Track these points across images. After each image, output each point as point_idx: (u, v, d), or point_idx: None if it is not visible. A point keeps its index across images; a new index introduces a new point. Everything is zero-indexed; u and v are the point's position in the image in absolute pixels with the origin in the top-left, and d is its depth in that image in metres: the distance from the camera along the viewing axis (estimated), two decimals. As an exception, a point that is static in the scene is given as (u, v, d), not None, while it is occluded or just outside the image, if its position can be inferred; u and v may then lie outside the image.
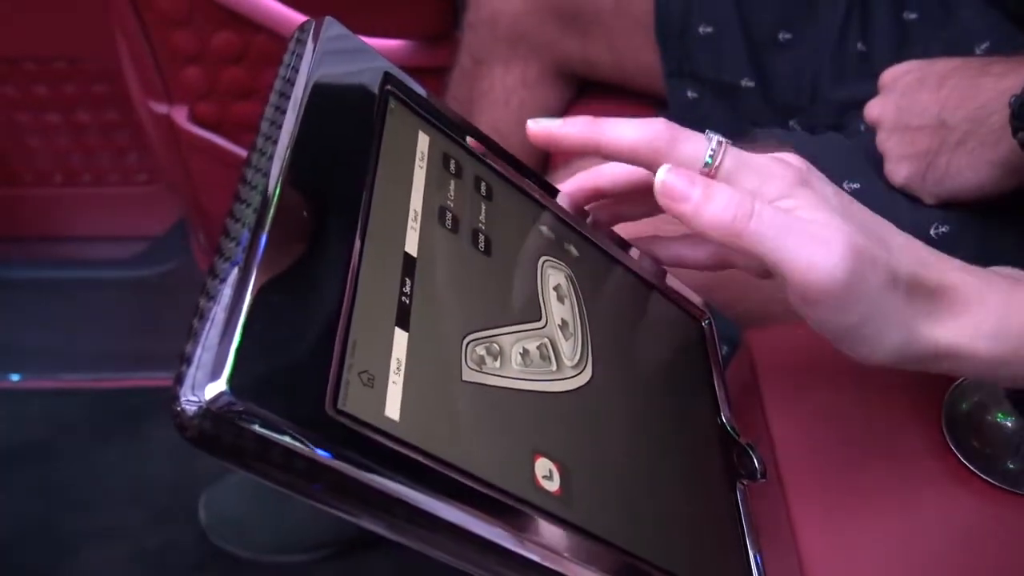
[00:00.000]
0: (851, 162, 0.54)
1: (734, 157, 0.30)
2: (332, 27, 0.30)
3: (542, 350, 0.30)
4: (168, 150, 1.11)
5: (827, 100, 0.71)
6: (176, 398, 0.20)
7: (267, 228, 0.23)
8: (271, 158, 0.25)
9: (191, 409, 0.20)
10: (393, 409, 0.23)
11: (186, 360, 0.20)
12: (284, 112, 0.27)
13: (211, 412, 0.19)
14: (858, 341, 0.31)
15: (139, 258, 1.29)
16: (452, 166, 0.32)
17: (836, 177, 0.54)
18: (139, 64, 1.03)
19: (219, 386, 0.20)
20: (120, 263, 1.30)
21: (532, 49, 0.80)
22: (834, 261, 0.28)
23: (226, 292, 0.22)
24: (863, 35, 0.70)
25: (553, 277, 0.33)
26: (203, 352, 0.20)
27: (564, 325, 0.31)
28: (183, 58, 1.00)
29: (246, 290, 0.22)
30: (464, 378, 0.26)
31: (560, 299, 0.32)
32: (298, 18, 0.95)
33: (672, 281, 0.39)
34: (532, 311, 0.31)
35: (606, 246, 0.37)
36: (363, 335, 0.24)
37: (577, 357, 0.31)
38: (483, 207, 0.32)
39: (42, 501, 1.03)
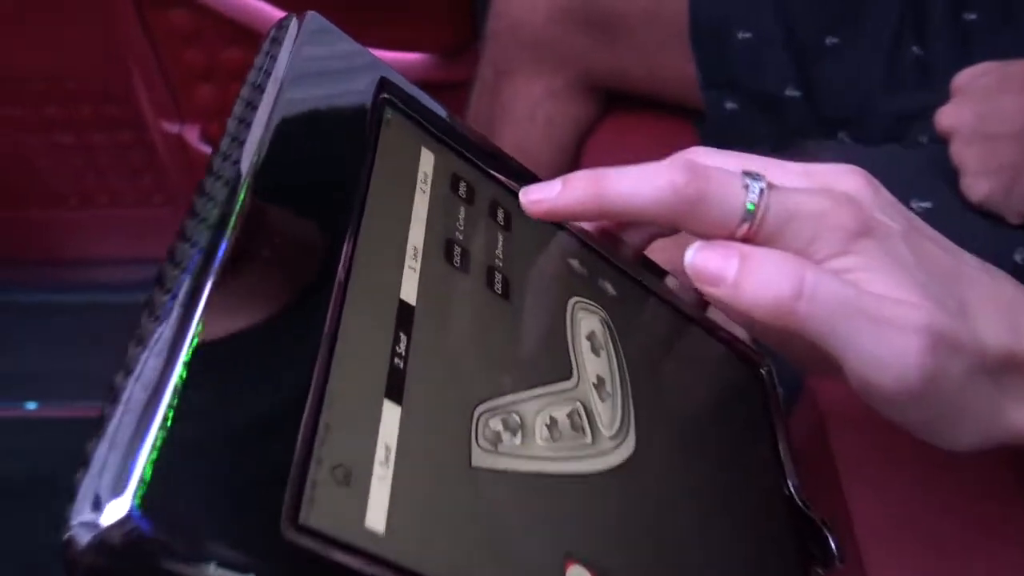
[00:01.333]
0: (919, 178, 0.48)
1: (780, 206, 0.24)
2: (315, 24, 0.25)
3: (574, 418, 0.24)
4: (181, 170, 1.08)
5: (880, 110, 0.65)
6: (66, 521, 0.14)
7: (212, 277, 0.18)
8: (228, 184, 0.20)
9: (83, 538, 0.14)
10: (377, 517, 0.17)
11: (83, 462, 0.15)
12: (249, 126, 0.21)
13: (107, 545, 0.14)
14: (936, 434, 0.26)
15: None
16: (462, 189, 0.26)
17: (903, 196, 0.47)
18: (150, 83, 0.99)
19: (122, 505, 0.14)
20: (136, 286, 1.26)
21: (557, 60, 0.74)
22: (909, 359, 0.23)
23: (150, 362, 0.16)
24: (919, 38, 0.64)
25: (586, 323, 0.27)
26: (109, 451, 0.15)
27: (600, 383, 0.25)
28: (194, 76, 0.96)
29: (177, 356, 0.16)
30: (474, 463, 0.20)
31: (595, 350, 0.26)
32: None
33: (718, 316, 0.33)
34: (561, 367, 0.25)
35: (647, 280, 0.31)
36: (340, 414, 0.18)
37: (617, 424, 0.25)
38: (500, 239, 0.26)
39: (55, 534, 0.99)
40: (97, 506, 0.14)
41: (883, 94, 0.64)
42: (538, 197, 0.25)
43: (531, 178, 0.29)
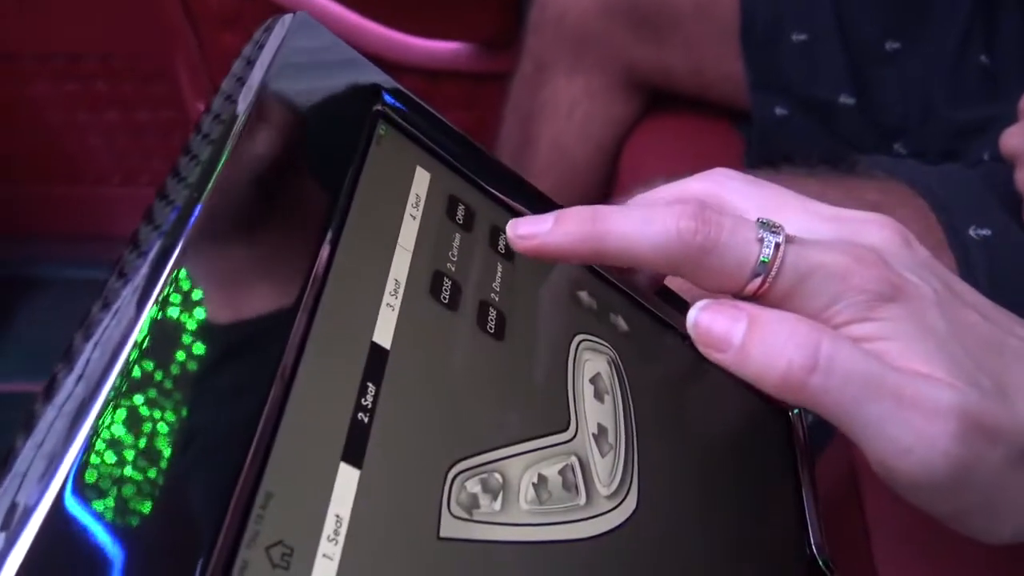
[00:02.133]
0: (979, 202, 0.45)
1: (797, 262, 0.22)
2: (305, 25, 0.23)
3: (567, 475, 0.21)
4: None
5: (941, 121, 0.61)
6: None
7: (153, 300, 0.16)
8: (189, 191, 0.18)
9: None
10: None
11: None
12: (212, 141, 0.19)
13: None
14: (970, 526, 0.23)
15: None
16: (460, 214, 0.24)
17: (961, 221, 0.44)
18: (189, 64, 0.99)
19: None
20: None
21: (600, 55, 0.72)
22: (936, 445, 0.20)
23: (67, 406, 0.14)
24: (987, 46, 0.59)
25: (591, 364, 0.24)
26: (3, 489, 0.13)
27: (601, 434, 0.23)
28: (233, 59, 0.95)
29: (98, 396, 0.14)
30: (443, 534, 0.18)
31: (598, 395, 0.24)
32: (350, 17, 0.89)
33: None
34: (557, 417, 0.22)
35: (665, 313, 0.29)
36: (283, 481, 0.16)
37: (616, 481, 0.23)
38: (499, 270, 0.24)
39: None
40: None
41: (945, 104, 0.61)
42: (527, 232, 0.23)
43: (546, 204, 0.27)
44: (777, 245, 0.22)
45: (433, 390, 0.20)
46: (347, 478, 0.17)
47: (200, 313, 0.17)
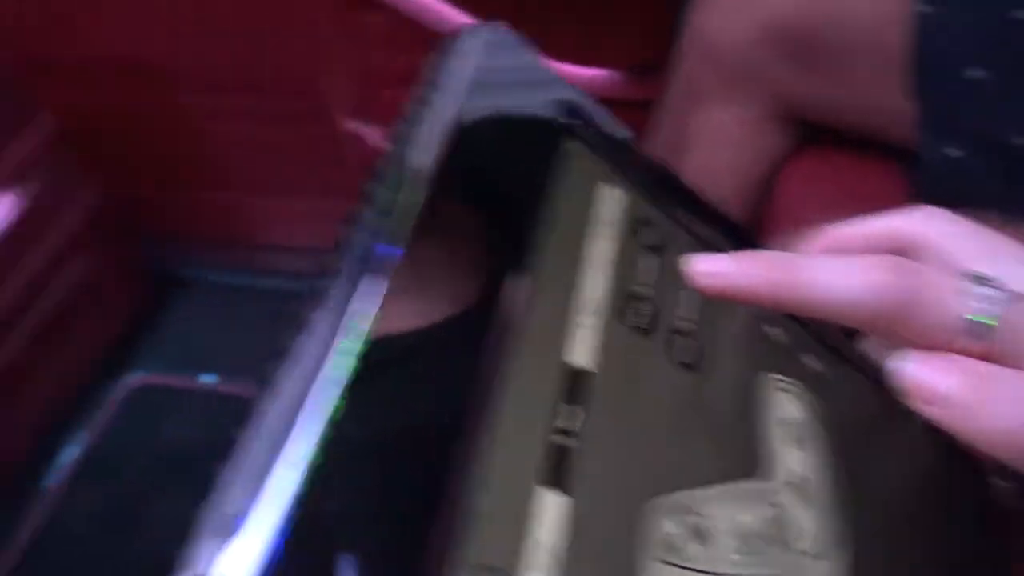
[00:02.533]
0: None
1: (1020, 320, 0.19)
2: (499, 36, 0.22)
3: (769, 527, 0.20)
4: (363, 171, 1.10)
5: None
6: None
7: (353, 323, 0.15)
8: (385, 210, 0.18)
9: None
10: None
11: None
12: (411, 145, 0.19)
13: None
14: None
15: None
16: (649, 236, 0.23)
17: None
18: (338, 81, 1.02)
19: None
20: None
21: (754, 86, 0.69)
22: None
23: (265, 433, 0.14)
24: None
25: (784, 406, 0.23)
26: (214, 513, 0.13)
27: (802, 484, 0.21)
28: (384, 79, 0.98)
29: (294, 419, 0.14)
30: (645, 574, 0.17)
31: (796, 441, 0.22)
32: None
33: None
34: (748, 460, 0.21)
35: (856, 356, 0.27)
36: (492, 500, 0.15)
37: (824, 536, 0.21)
38: (689, 298, 0.23)
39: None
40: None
41: None
42: (711, 270, 0.21)
43: (738, 233, 0.25)
44: (994, 301, 0.19)
45: (633, 419, 0.19)
46: (551, 504, 0.16)
47: (394, 331, 0.16)
